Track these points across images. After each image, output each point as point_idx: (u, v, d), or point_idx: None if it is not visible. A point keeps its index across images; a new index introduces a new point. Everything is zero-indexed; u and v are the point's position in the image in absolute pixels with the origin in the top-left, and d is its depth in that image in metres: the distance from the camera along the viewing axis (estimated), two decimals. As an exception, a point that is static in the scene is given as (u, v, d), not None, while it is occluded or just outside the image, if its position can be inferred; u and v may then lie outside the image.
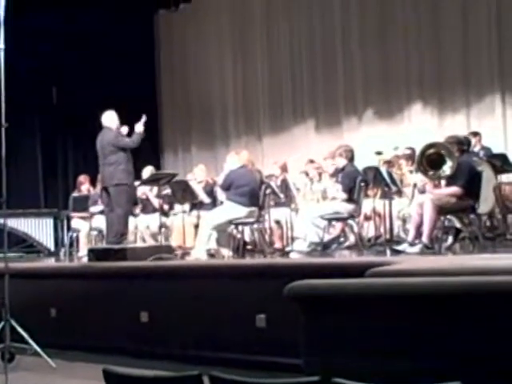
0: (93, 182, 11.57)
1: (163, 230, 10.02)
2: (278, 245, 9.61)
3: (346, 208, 8.51)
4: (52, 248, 12.30)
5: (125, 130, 8.65)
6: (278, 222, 9.76)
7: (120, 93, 13.20)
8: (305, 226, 8.67)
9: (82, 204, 11.15)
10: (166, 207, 10.74)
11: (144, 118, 8.64)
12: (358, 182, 8.48)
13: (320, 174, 10.04)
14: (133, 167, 8.62)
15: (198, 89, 15.59)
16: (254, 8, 14.67)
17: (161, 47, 16.29)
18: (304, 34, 13.97)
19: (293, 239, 9.19)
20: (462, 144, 7.74)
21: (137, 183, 9.56)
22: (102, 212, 10.15)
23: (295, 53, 14.12)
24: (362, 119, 13.15)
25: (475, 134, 10.28)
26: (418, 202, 7.59)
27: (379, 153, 9.90)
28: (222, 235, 9.04)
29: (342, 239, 9.29)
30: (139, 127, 8.54)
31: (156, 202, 10.58)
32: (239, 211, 8.80)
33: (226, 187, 9.05)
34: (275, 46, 14.42)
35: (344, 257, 8.29)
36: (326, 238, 8.71)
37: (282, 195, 9.63)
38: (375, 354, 4.01)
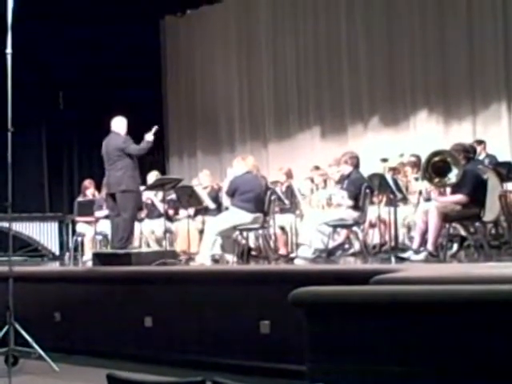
0: (98, 187, 11.57)
1: (168, 235, 10.01)
2: (282, 251, 9.59)
3: (351, 215, 8.50)
4: (57, 252, 12.31)
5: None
6: (282, 228, 9.74)
7: (126, 98, 13.23)
8: (310, 233, 8.66)
9: (87, 208, 11.16)
10: (170, 212, 10.74)
11: (155, 128, 8.67)
12: (363, 188, 8.47)
13: (325, 181, 10.04)
14: (139, 173, 8.64)
15: (203, 94, 15.62)
16: (260, 14, 14.69)
17: (167, 53, 16.31)
18: (310, 40, 13.98)
19: (297, 245, 9.18)
20: (468, 152, 7.74)
21: (142, 188, 9.57)
22: (107, 216, 10.16)
23: (301, 59, 14.13)
24: (367, 126, 13.15)
25: (480, 142, 10.27)
26: (423, 209, 7.59)
27: (385, 160, 9.90)
28: (226, 241, 9.04)
29: (346, 246, 9.28)
30: (149, 136, 8.53)
31: (161, 207, 10.58)
32: (244, 217, 8.80)
33: (231, 193, 9.05)
34: (281, 53, 14.44)
35: (349, 264, 8.28)
36: (331, 244, 8.70)
37: (287, 201, 9.62)
38: (379, 361, 4.01)
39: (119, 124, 8.63)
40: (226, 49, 15.21)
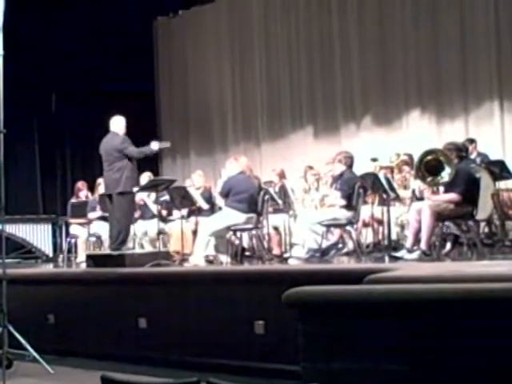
0: (91, 189, 11.56)
1: (161, 236, 9.99)
2: (276, 251, 9.59)
3: (345, 214, 8.50)
4: (50, 254, 12.29)
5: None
6: (276, 229, 9.74)
7: (119, 99, 13.21)
8: (303, 233, 8.66)
9: (81, 210, 11.14)
10: (164, 213, 10.73)
11: (167, 144, 8.69)
12: (356, 188, 8.47)
13: (318, 181, 10.04)
14: (137, 175, 8.60)
15: (196, 95, 15.60)
16: (253, 15, 14.69)
17: (159, 54, 16.29)
18: (302, 40, 13.98)
19: (291, 245, 9.18)
20: (461, 150, 7.75)
21: (135, 189, 9.55)
22: (100, 218, 10.14)
23: (293, 59, 14.13)
24: (360, 126, 13.15)
25: (471, 140, 10.26)
26: (416, 208, 7.59)
27: (374, 159, 9.89)
28: (220, 241, 9.03)
29: (340, 245, 9.27)
30: (155, 145, 8.52)
31: (154, 208, 10.55)
32: (237, 217, 8.80)
33: (225, 194, 9.05)
34: (273, 53, 14.43)
35: (342, 263, 8.28)
36: (325, 244, 8.69)
37: (280, 201, 9.62)
38: (373, 360, 4.01)
39: (118, 124, 8.54)
40: (219, 49, 15.21)
